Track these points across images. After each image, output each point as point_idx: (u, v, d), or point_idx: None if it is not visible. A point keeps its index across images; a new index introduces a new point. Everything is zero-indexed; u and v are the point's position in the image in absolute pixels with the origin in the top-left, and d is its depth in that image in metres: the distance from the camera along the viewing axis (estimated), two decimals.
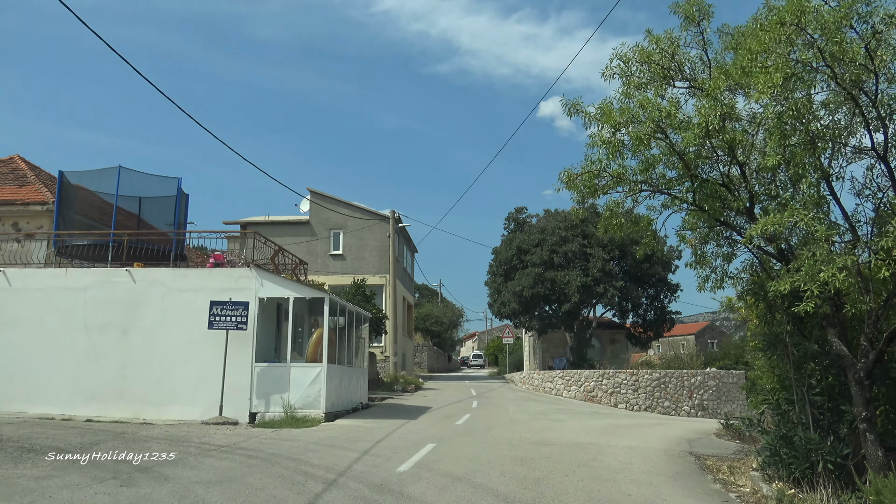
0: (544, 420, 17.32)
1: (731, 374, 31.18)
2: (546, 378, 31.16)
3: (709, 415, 29.71)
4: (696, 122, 7.65)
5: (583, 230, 32.71)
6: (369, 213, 35.27)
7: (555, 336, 38.86)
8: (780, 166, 8.00)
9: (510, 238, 34.88)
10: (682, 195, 8.80)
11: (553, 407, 23.03)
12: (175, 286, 15.91)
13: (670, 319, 36.17)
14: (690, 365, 59.88)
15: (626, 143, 8.26)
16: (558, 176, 8.85)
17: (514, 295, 32.40)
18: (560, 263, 32.13)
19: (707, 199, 8.43)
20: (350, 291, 28.40)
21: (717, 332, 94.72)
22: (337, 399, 16.23)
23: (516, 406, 22.07)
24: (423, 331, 55.53)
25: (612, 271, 31.88)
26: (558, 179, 8.89)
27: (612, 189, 9.06)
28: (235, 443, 11.16)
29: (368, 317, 20.16)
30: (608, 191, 8.98)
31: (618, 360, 38.02)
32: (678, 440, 13.85)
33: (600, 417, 20.07)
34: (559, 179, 8.91)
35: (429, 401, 22.39)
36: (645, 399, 29.13)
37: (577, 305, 31.68)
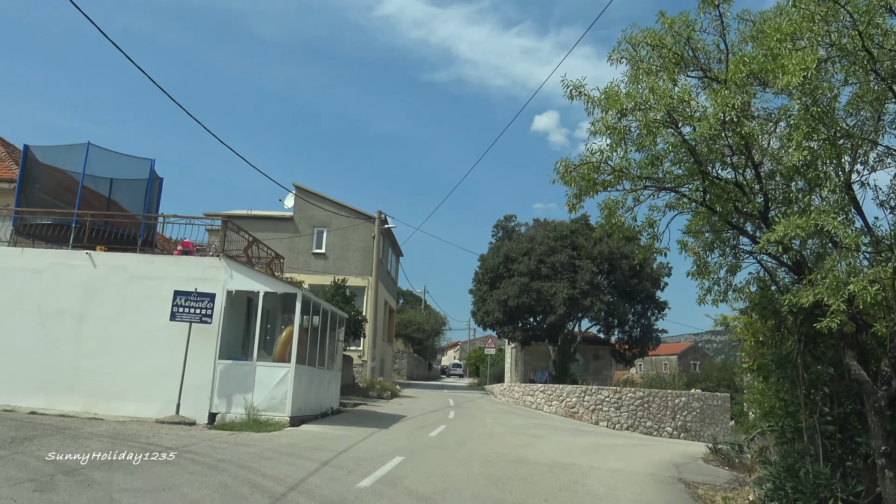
0: (523, 435, 16.41)
1: (716, 397, 30.43)
2: (527, 391, 30.26)
3: (692, 437, 28.94)
4: (711, 111, 6.81)
5: (572, 241, 31.93)
6: (355, 212, 34.33)
7: (538, 349, 38.00)
8: (800, 168, 7.17)
9: (498, 246, 34.03)
10: (691, 193, 7.92)
11: (533, 421, 22.13)
12: (138, 273, 14.89)
13: (656, 337, 35.42)
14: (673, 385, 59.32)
15: (633, 130, 7.39)
16: (554, 166, 7.99)
17: (498, 304, 31.52)
18: (547, 274, 31.31)
19: (719, 199, 7.57)
20: (329, 291, 27.42)
21: (699, 354, 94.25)
22: (305, 403, 15.24)
23: (494, 419, 21.15)
24: (405, 337, 54.54)
25: (601, 285, 31.10)
26: (554, 170, 8.02)
27: (613, 186, 8.18)
28: (185, 445, 10.16)
29: (345, 318, 19.21)
30: (608, 188, 8.10)
31: (601, 376, 37.20)
32: (665, 464, 12.99)
33: (582, 435, 19.18)
34: (555, 170, 8.04)
35: (404, 409, 21.43)
36: (627, 418, 28.30)
37: (562, 318, 30.85)
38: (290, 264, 33.63)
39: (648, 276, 33.42)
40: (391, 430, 14.72)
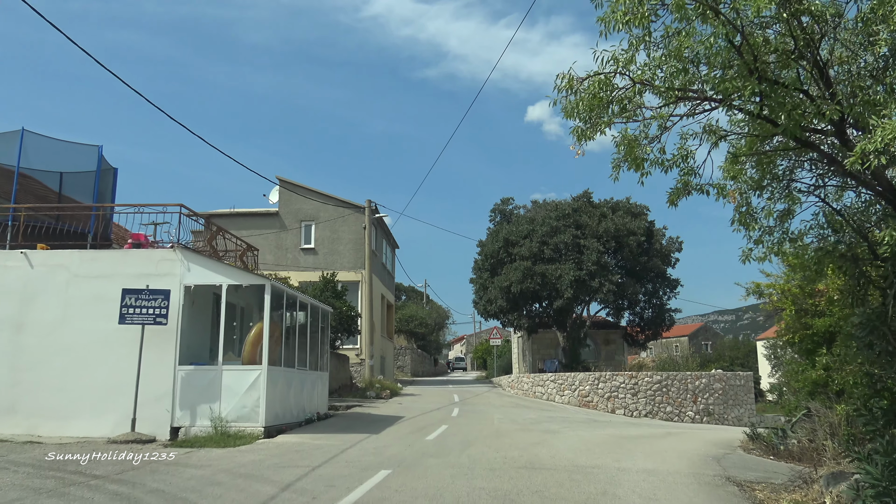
0: (535, 432, 14.48)
1: (738, 377, 28.50)
2: (536, 382, 28.36)
3: (715, 420, 27.03)
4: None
5: (576, 220, 29.95)
6: (343, 203, 32.39)
7: (546, 336, 36.07)
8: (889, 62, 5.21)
9: (496, 230, 32.05)
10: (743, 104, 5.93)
11: (545, 414, 20.21)
12: (82, 272, 12.97)
13: (669, 318, 33.46)
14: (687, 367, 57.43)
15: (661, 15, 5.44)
16: (554, 83, 6.03)
17: (500, 291, 29.57)
18: (551, 256, 29.34)
19: (781, 107, 5.57)
20: (318, 287, 25.52)
21: (710, 334, 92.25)
22: (283, 409, 13.33)
23: (503, 414, 19.24)
24: (407, 333, 52.61)
25: (608, 264, 29.13)
26: (553, 88, 6.06)
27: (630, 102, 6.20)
28: (120, 472, 8.26)
29: (329, 312, 17.26)
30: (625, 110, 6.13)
31: (613, 361, 35.27)
32: (702, 458, 11.06)
33: (599, 426, 17.27)
34: (554, 87, 6.08)
35: (403, 409, 19.52)
36: (645, 404, 26.40)
37: (569, 302, 28.90)
38: (278, 262, 31.76)
39: (658, 252, 31.45)
40: (383, 435, 12.79)
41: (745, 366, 69.68)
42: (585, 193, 31.88)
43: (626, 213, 30.62)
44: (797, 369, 13.35)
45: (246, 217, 32.70)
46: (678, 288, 33.16)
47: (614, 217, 30.15)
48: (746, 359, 75.61)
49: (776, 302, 12.72)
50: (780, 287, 12.82)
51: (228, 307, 15.01)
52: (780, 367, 20.20)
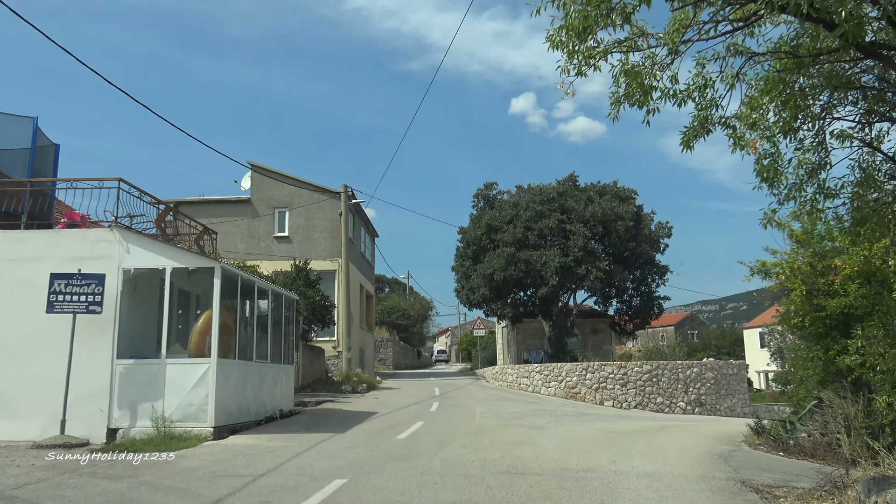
0: (520, 427, 13.20)
1: (731, 365, 27.46)
2: (521, 373, 27.14)
3: (707, 411, 25.96)
4: None
5: (561, 204, 28.67)
6: (318, 188, 30.91)
7: (531, 326, 34.85)
8: None
9: (479, 216, 30.70)
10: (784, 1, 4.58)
11: (530, 408, 18.97)
12: (7, 254, 11.48)
13: (658, 305, 32.32)
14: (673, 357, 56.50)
15: None
16: None
17: (483, 279, 28.25)
18: (536, 242, 28.06)
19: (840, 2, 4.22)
20: (290, 276, 24.07)
21: (696, 323, 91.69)
22: (238, 407, 11.94)
23: (485, 408, 17.97)
24: (389, 325, 51.28)
25: (595, 250, 27.89)
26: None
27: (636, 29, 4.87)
28: (21, 485, 6.85)
29: (294, 300, 15.82)
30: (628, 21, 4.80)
31: (601, 351, 34.12)
32: (707, 456, 9.82)
33: (589, 420, 16.04)
34: None
35: (378, 404, 18.18)
36: (635, 395, 25.28)
37: (555, 289, 27.64)
38: (250, 250, 30.27)
39: (647, 237, 30.27)
40: (349, 434, 11.44)
41: (731, 355, 69.04)
42: (571, 177, 30.62)
43: (614, 198, 29.40)
44: (806, 356, 12.15)
45: (216, 204, 31.14)
46: (667, 275, 32.06)
47: (601, 201, 28.93)
48: (733, 348, 75.01)
49: (784, 282, 11.48)
50: (789, 265, 11.58)
51: (182, 295, 13.60)
52: (782, 354, 18.99)
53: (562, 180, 30.38)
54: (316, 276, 24.79)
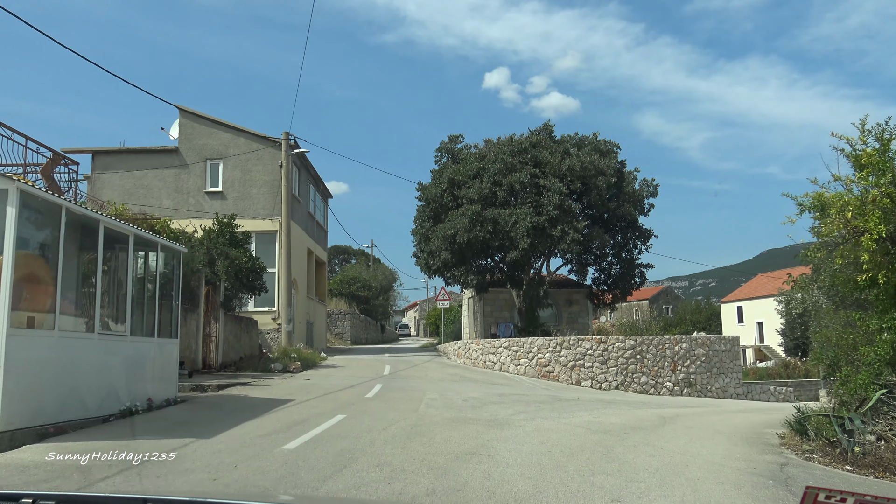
0: (474, 424, 9.65)
1: (724, 340, 24.29)
2: (487, 349, 23.68)
3: (697, 392, 22.77)
4: None
5: (534, 156, 25.01)
6: (258, 137, 26.88)
7: (499, 297, 31.39)
8: None
9: (440, 170, 26.92)
10: None
11: (494, 391, 15.47)
12: None
13: (641, 274, 29.00)
14: (649, 331, 53.55)
15: None
16: None
17: (444, 241, 24.59)
18: (504, 199, 24.42)
19: None
20: (213, 233, 20.17)
21: (671, 297, 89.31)
22: (60, 399, 8.16)
23: (438, 392, 14.43)
24: (349, 296, 47.52)
25: (572, 209, 24.34)
26: None
27: None
28: None
29: (180, 252, 11.90)
30: None
31: (577, 325, 30.83)
32: (751, 476, 6.38)
33: (566, 408, 12.59)
34: None
35: (302, 388, 14.52)
36: (616, 374, 21.99)
37: (526, 254, 24.08)
38: (177, 207, 26.22)
39: (630, 196, 26.82)
40: (215, 440, 7.73)
41: (708, 330, 66.62)
42: (546, 127, 26.94)
43: (594, 151, 25.82)
44: (869, 327, 8.71)
45: (137, 155, 26.97)
46: (651, 240, 28.70)
47: (580, 154, 25.35)
48: (709, 323, 72.76)
49: (851, 220, 7.96)
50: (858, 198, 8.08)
51: None
52: (800, 325, 15.52)
53: (535, 130, 26.72)
54: (243, 235, 20.92)
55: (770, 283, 68.18)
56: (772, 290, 64.31)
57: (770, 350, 57.92)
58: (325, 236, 35.14)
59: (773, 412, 15.36)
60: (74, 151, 28.01)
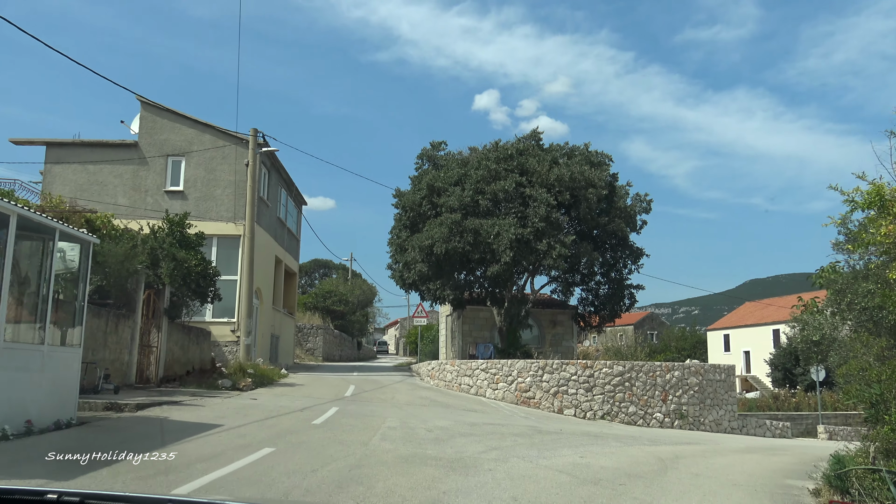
0: (432, 467, 7.70)
1: (718, 370, 22.47)
2: (463, 371, 21.71)
3: (689, 425, 20.91)
4: None
5: (521, 164, 23.25)
6: (224, 133, 24.95)
7: (479, 315, 29.49)
8: None
9: (419, 176, 25.08)
10: None
11: (465, 419, 13.50)
12: None
13: (630, 295, 27.22)
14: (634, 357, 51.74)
15: None
16: None
17: (421, 251, 22.68)
18: (487, 209, 22.59)
19: None
20: (162, 233, 18.15)
21: (656, 323, 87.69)
22: None
23: (400, 419, 12.46)
24: (323, 310, 45.40)
25: (559, 222, 22.54)
26: None
27: None
28: None
29: (89, 243, 9.87)
30: None
31: (561, 348, 28.95)
32: None
33: (547, 445, 10.67)
34: None
35: (242, 410, 12.48)
36: (602, 402, 20.10)
37: (508, 268, 22.20)
38: (134, 205, 24.19)
39: (622, 212, 25.10)
40: (66, 485, 5.73)
41: (693, 358, 65.02)
42: (534, 134, 25.21)
43: (585, 161, 24.11)
44: None
45: (94, 148, 24.93)
46: (642, 259, 26.95)
47: (570, 164, 23.63)
48: (694, 350, 71.11)
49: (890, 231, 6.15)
50: None
51: None
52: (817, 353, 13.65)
53: (523, 137, 24.98)
54: (197, 236, 18.89)
55: (758, 311, 66.81)
56: (760, 319, 62.93)
57: (757, 380, 56.30)
58: (296, 245, 33.11)
59: (782, 453, 13.50)
60: (26, 142, 25.98)
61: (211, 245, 24.51)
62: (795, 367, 44.08)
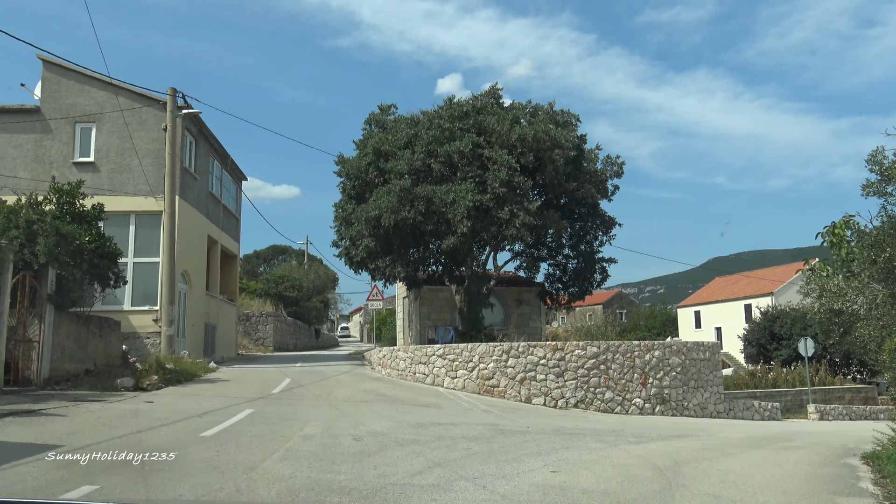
0: None
1: (702, 348, 20.21)
2: (417, 358, 19.10)
3: (672, 410, 18.63)
4: None
5: (478, 122, 20.57)
6: (140, 96, 21.80)
7: (438, 296, 26.91)
8: None
9: (364, 139, 22.22)
10: None
11: (412, 418, 10.87)
12: None
13: (602, 269, 24.84)
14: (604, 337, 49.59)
15: None
16: None
17: (367, 225, 19.91)
18: (441, 174, 19.90)
19: None
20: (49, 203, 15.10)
21: (625, 302, 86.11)
22: None
23: (328, 422, 9.81)
24: (276, 297, 42.39)
25: (523, 187, 19.96)
26: None
27: None
28: None
29: None
30: None
31: (528, 329, 26.52)
32: None
33: (511, 451, 8.12)
34: None
35: (122, 418, 9.69)
36: (575, 388, 17.69)
37: (466, 239, 19.55)
38: (37, 179, 20.96)
39: (592, 176, 22.62)
40: None
41: (663, 336, 63.35)
42: (493, 91, 22.51)
43: (550, 120, 21.52)
44: None
45: None
46: (614, 229, 24.55)
47: (534, 121, 21.03)
48: (664, 328, 69.60)
49: None
50: None
51: None
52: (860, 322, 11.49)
53: (480, 94, 22.25)
54: (94, 209, 15.85)
55: (728, 286, 65.45)
56: (731, 294, 61.52)
57: (730, 357, 54.84)
58: (236, 225, 30.04)
59: (795, 445, 11.13)
60: None
61: (128, 223, 21.48)
62: (770, 342, 42.53)
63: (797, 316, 42.59)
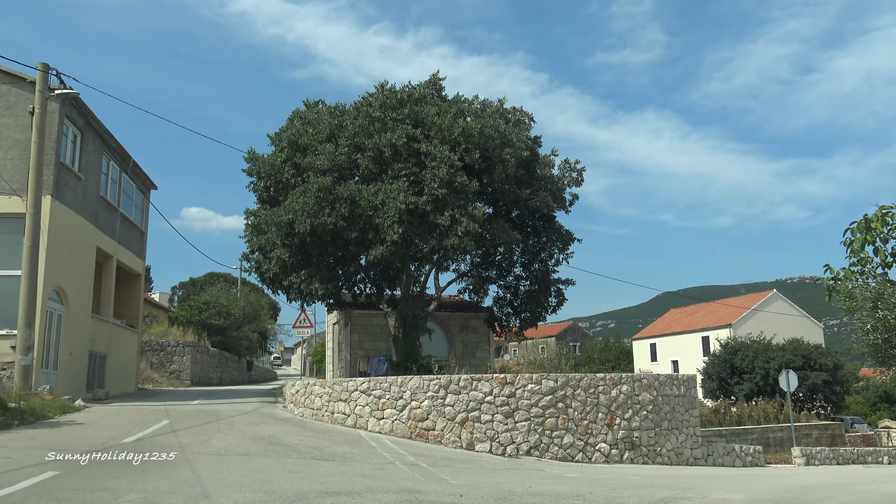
0: None
1: (676, 381, 17.15)
2: (336, 394, 15.50)
3: (643, 457, 15.39)
4: None
5: (415, 113, 17.37)
6: (5, 73, 18.02)
7: (372, 322, 23.43)
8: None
9: (280, 132, 18.78)
10: None
11: (292, 486, 7.20)
12: None
13: (557, 291, 21.75)
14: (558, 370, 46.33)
15: None
16: None
17: (279, 232, 16.41)
18: (369, 171, 16.58)
19: None
20: None
21: (579, 335, 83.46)
22: None
23: (152, 496, 6.19)
24: (198, 324, 38.10)
25: (467, 189, 16.78)
26: None
27: None
28: None
29: None
30: None
31: (474, 360, 23.17)
32: None
33: None
34: None
35: None
36: (528, 432, 14.34)
37: (398, 250, 16.17)
38: None
39: (547, 182, 19.62)
40: None
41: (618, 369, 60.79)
42: (433, 80, 19.39)
43: (499, 117, 18.52)
44: None
45: None
46: (571, 245, 21.55)
47: (482, 117, 17.97)
48: (619, 361, 67.11)
49: None
50: None
51: None
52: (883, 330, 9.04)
53: (419, 84, 19.10)
54: None
55: (685, 318, 63.40)
56: (688, 326, 59.40)
57: None
58: (140, 238, 26.01)
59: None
60: None
61: None
62: (731, 375, 40.15)
63: (759, 348, 40.51)
